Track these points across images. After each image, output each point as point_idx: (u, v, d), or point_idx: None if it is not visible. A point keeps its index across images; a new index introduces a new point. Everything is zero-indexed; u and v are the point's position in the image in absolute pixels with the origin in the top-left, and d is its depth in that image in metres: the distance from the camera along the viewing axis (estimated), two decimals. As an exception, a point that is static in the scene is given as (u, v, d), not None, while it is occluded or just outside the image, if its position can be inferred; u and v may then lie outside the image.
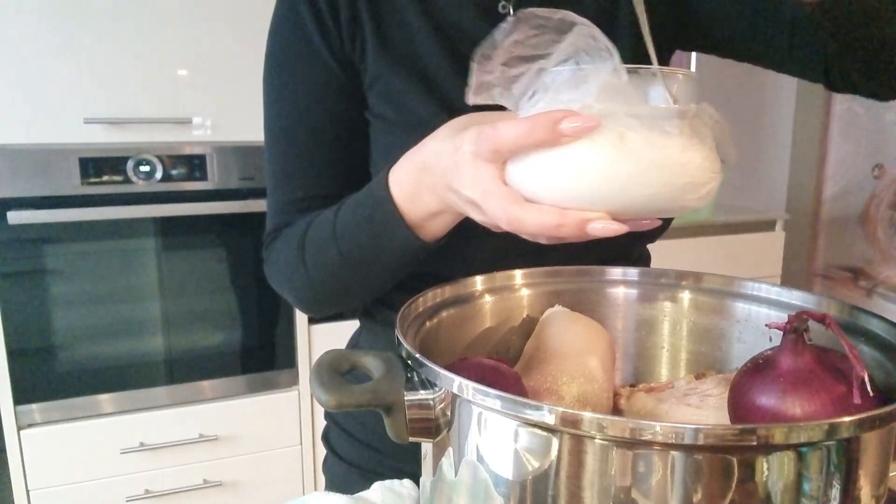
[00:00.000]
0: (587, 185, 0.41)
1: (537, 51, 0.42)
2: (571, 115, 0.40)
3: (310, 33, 0.66)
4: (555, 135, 0.40)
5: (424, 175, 0.53)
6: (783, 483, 0.35)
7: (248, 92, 1.65)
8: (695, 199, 0.43)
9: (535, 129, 0.41)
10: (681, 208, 0.43)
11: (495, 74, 0.43)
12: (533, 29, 0.42)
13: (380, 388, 0.42)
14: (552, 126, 0.40)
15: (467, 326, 0.58)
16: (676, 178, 0.41)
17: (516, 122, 0.42)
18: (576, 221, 0.42)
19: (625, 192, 0.41)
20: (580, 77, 0.41)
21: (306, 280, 0.66)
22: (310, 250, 0.65)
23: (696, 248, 2.21)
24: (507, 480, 0.39)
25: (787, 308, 0.54)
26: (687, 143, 0.41)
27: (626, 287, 0.63)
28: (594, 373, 0.53)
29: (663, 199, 0.41)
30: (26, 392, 1.60)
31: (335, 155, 0.70)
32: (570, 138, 0.40)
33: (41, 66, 1.51)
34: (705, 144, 0.42)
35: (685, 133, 0.41)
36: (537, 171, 0.43)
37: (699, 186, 0.42)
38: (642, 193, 0.41)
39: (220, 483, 1.79)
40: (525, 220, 0.44)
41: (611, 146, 0.40)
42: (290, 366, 1.82)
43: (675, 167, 0.41)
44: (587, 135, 0.40)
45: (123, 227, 1.63)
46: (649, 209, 0.43)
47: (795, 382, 0.42)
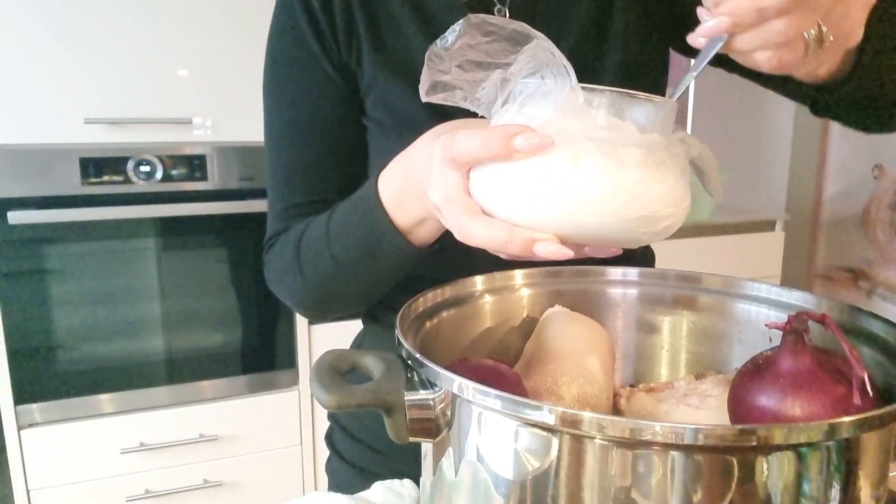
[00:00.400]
0: (538, 205, 0.40)
1: (491, 58, 0.41)
2: (526, 131, 0.39)
3: (306, 39, 0.67)
4: (508, 150, 0.40)
5: (408, 181, 0.53)
6: (783, 483, 0.35)
7: (248, 92, 1.65)
8: (649, 234, 0.41)
9: (488, 141, 0.40)
10: (635, 241, 0.42)
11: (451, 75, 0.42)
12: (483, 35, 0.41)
13: (380, 388, 0.42)
14: (506, 140, 0.40)
15: (467, 326, 0.58)
16: (629, 210, 0.39)
17: (473, 133, 0.41)
18: (522, 241, 0.41)
19: (573, 218, 0.39)
20: (543, 91, 0.40)
21: (303, 285, 0.66)
22: (305, 255, 0.65)
23: (696, 248, 2.21)
24: (507, 480, 0.39)
25: (787, 308, 0.54)
26: (645, 175, 0.39)
27: (626, 287, 0.63)
28: (594, 373, 0.53)
29: (615, 229, 0.40)
30: (26, 392, 1.60)
31: (333, 160, 0.70)
32: (522, 154, 0.39)
33: (41, 66, 1.51)
34: (668, 176, 0.40)
35: (645, 163, 0.39)
36: (491, 184, 0.42)
37: (655, 221, 0.40)
38: (592, 221, 0.39)
39: (220, 483, 1.79)
40: (474, 233, 0.43)
41: (562, 169, 0.38)
42: (290, 366, 1.82)
43: (629, 198, 0.39)
44: (541, 153, 0.39)
45: (124, 228, 1.63)
46: (599, 238, 0.41)
47: (795, 383, 0.42)
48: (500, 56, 0.40)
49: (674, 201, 0.40)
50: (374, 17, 0.67)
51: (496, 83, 0.41)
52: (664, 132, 0.41)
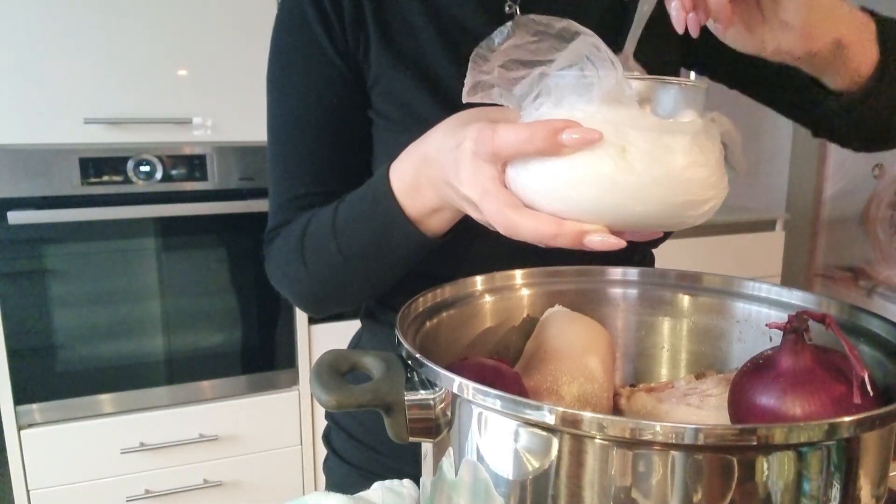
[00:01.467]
0: (586, 198, 0.40)
1: (537, 56, 0.41)
2: (573, 125, 0.39)
3: (314, 31, 0.66)
4: (555, 144, 0.40)
5: (425, 167, 0.52)
6: (783, 483, 0.35)
7: (248, 92, 1.65)
8: (695, 216, 0.42)
9: (535, 136, 0.40)
10: (680, 224, 0.42)
11: (493, 75, 0.42)
12: (532, 35, 0.41)
13: (380, 388, 0.42)
14: (553, 135, 0.40)
15: (467, 326, 0.58)
16: (676, 196, 0.40)
17: (517, 128, 0.41)
18: (573, 233, 0.41)
19: (624, 207, 0.40)
20: (585, 84, 0.40)
21: (306, 278, 0.66)
22: (309, 247, 0.64)
23: (696, 248, 2.21)
24: (508, 480, 0.39)
25: (787, 308, 0.54)
26: (690, 161, 0.40)
27: (626, 287, 0.63)
28: (594, 373, 0.53)
29: (663, 214, 0.41)
30: (26, 392, 1.60)
31: (337, 153, 0.69)
32: (571, 149, 0.40)
33: (41, 66, 1.51)
34: (710, 160, 0.41)
35: (689, 149, 0.39)
36: (536, 179, 0.42)
37: (700, 204, 0.41)
38: (641, 209, 0.40)
39: (221, 483, 1.79)
40: (521, 227, 0.43)
41: (611, 160, 0.39)
42: (290, 366, 1.82)
43: (676, 184, 0.40)
44: (590, 146, 0.39)
45: (123, 228, 1.63)
46: (648, 224, 0.42)
47: (795, 382, 0.42)
48: (545, 54, 0.40)
49: (714, 184, 0.41)
50: (383, 9, 0.66)
51: (534, 78, 0.41)
52: (696, 114, 0.42)
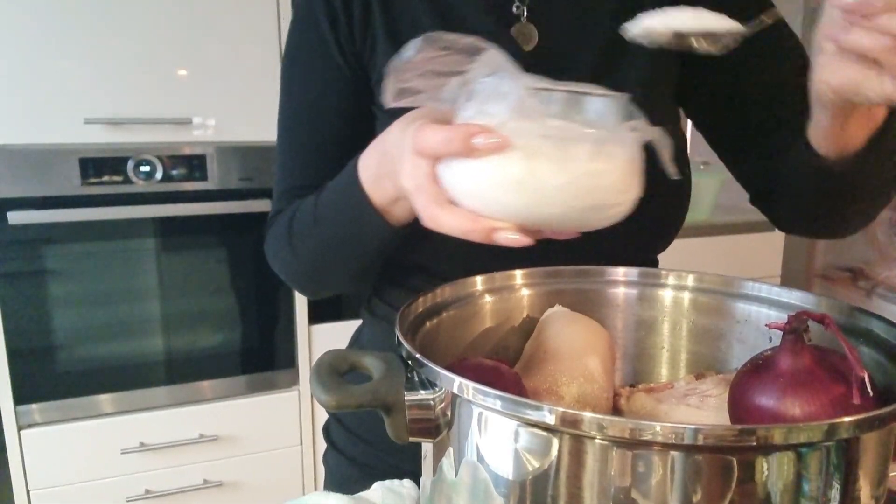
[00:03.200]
0: (496, 198, 0.43)
1: (450, 68, 0.44)
2: (485, 131, 0.42)
3: (322, 28, 0.68)
4: (470, 148, 0.42)
5: (383, 160, 0.55)
6: (783, 483, 0.35)
7: (248, 92, 1.65)
8: (601, 219, 0.45)
9: (452, 139, 0.43)
10: (589, 226, 0.45)
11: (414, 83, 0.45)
12: (441, 49, 0.44)
13: (380, 388, 0.42)
14: (467, 139, 0.42)
15: (467, 326, 0.58)
16: (580, 201, 0.42)
17: (439, 129, 0.44)
18: (484, 230, 0.44)
19: (531, 209, 0.43)
20: (501, 93, 0.43)
21: (294, 262, 0.69)
22: (295, 233, 0.68)
23: (696, 248, 2.21)
24: (507, 480, 0.39)
25: (787, 308, 0.54)
26: (592, 168, 0.42)
27: (626, 287, 0.63)
28: (594, 373, 0.53)
29: (568, 217, 0.43)
30: (26, 392, 1.60)
31: (337, 147, 0.71)
32: (482, 153, 0.42)
33: (41, 66, 1.51)
34: (615, 167, 0.43)
35: (592, 157, 0.42)
36: (456, 177, 0.45)
37: (605, 208, 0.44)
38: (548, 211, 0.43)
39: (221, 483, 1.79)
40: (441, 221, 0.46)
41: (517, 166, 0.42)
42: (290, 366, 1.82)
43: (579, 190, 0.42)
44: (498, 151, 0.42)
45: (123, 228, 1.63)
46: (555, 226, 0.44)
47: (795, 383, 0.42)
48: (457, 66, 0.44)
49: (620, 191, 0.44)
50: (392, 9, 0.68)
51: (456, 84, 0.44)
52: (616, 123, 0.44)
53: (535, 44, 0.68)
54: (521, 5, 0.68)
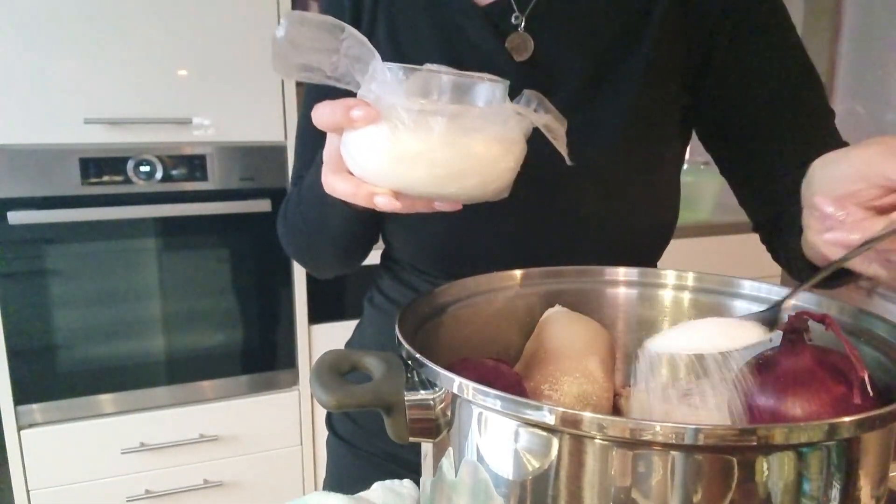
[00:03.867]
0: (371, 166, 0.48)
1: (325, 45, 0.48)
2: (360, 104, 0.47)
3: None
4: (348, 119, 0.47)
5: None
6: (783, 483, 0.35)
7: (248, 92, 1.65)
8: (466, 188, 0.48)
9: (335, 112, 0.48)
10: (456, 194, 0.49)
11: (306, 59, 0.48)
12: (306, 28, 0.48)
13: (380, 388, 0.42)
14: (347, 112, 0.47)
15: (467, 326, 0.58)
16: (438, 169, 0.47)
17: (325, 105, 0.49)
18: (365, 194, 0.49)
19: (398, 176, 0.47)
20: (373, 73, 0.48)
21: (291, 241, 0.76)
22: (289, 215, 0.74)
23: (696, 248, 2.21)
24: (507, 480, 0.39)
25: (787, 308, 0.54)
26: (447, 140, 0.46)
27: (626, 287, 0.63)
28: (594, 373, 0.53)
29: (432, 184, 0.47)
30: (26, 392, 1.60)
31: None
32: (359, 123, 0.47)
33: (41, 66, 1.51)
34: (474, 140, 0.47)
35: (448, 129, 0.46)
36: (345, 148, 0.50)
37: (465, 177, 0.48)
38: (412, 177, 0.47)
39: (221, 483, 1.79)
40: (334, 187, 0.51)
41: (385, 137, 0.46)
42: (290, 366, 1.82)
43: (436, 158, 0.46)
44: (372, 122, 0.46)
45: (124, 228, 1.63)
46: (425, 192, 0.48)
47: (795, 383, 0.42)
48: (329, 44, 0.48)
49: (482, 161, 0.48)
50: (396, 16, 0.71)
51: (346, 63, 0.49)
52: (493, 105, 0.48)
53: (529, 55, 0.68)
54: (519, 15, 0.68)
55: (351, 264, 0.77)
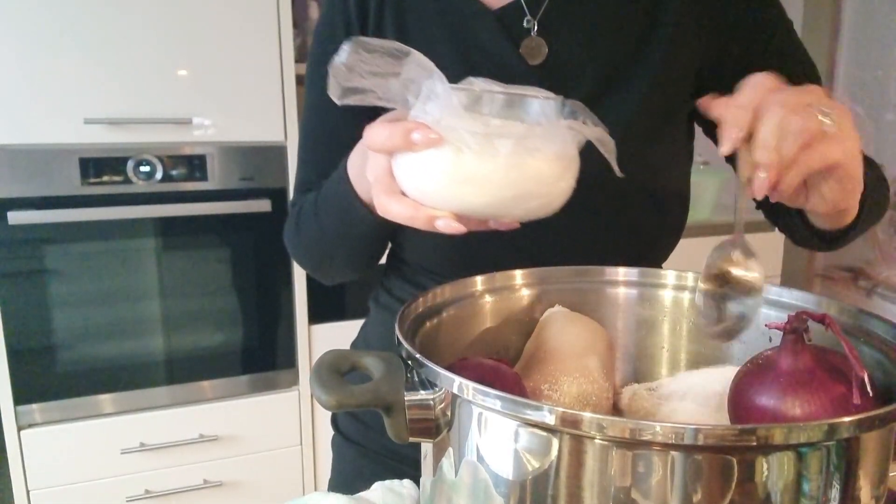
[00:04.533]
0: (433, 188, 0.47)
1: (383, 69, 0.48)
2: (421, 127, 0.46)
3: (337, 33, 0.72)
4: (409, 142, 0.46)
5: (363, 158, 0.58)
6: (783, 483, 0.35)
7: (248, 92, 1.65)
8: (530, 209, 0.48)
9: (393, 135, 0.47)
10: (521, 216, 0.48)
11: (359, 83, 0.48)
12: (368, 53, 0.47)
13: (380, 388, 0.42)
14: (406, 135, 0.46)
15: (467, 326, 0.58)
16: (503, 191, 0.46)
17: (382, 127, 0.48)
18: (425, 217, 0.48)
19: (462, 199, 0.46)
20: (435, 94, 0.47)
21: (302, 249, 0.76)
22: (302, 224, 0.73)
23: (697, 248, 2.20)
24: (507, 480, 0.39)
25: (787, 308, 0.54)
26: (513, 161, 0.45)
27: (626, 287, 0.63)
28: (594, 373, 0.53)
29: (496, 206, 0.47)
30: (26, 392, 1.60)
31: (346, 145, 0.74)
32: (420, 147, 0.46)
33: (41, 66, 1.51)
34: (538, 161, 0.46)
35: (514, 151, 0.45)
36: (402, 170, 0.48)
37: (531, 198, 0.47)
38: (478, 200, 0.46)
39: (221, 483, 1.79)
40: (389, 209, 0.50)
41: (448, 160, 0.46)
42: (290, 366, 1.82)
43: (501, 181, 0.46)
44: (433, 146, 0.46)
45: (123, 228, 1.63)
46: (488, 213, 0.48)
47: (795, 383, 0.42)
48: (388, 68, 0.47)
49: (546, 182, 0.47)
50: (405, 19, 0.71)
51: (400, 85, 0.48)
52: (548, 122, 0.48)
53: (542, 58, 0.68)
54: (531, 20, 0.68)
55: (365, 270, 0.78)
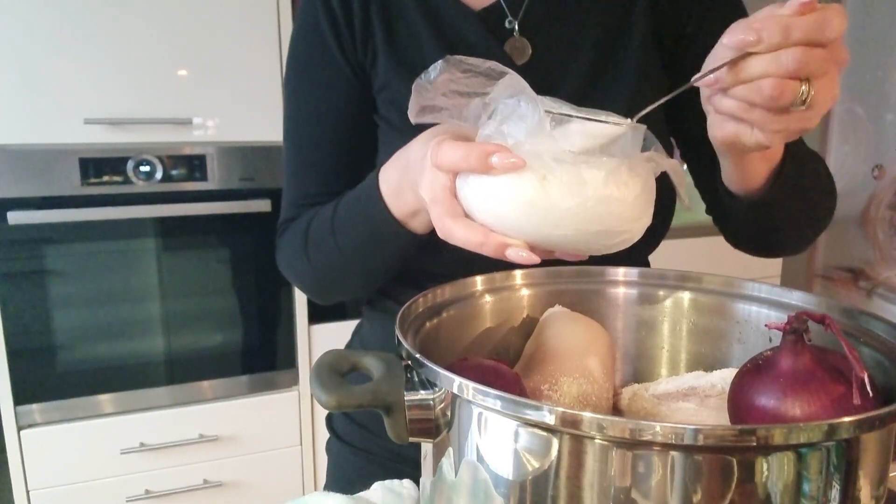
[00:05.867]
0: (510, 216, 0.44)
1: (471, 89, 0.46)
2: (502, 150, 0.44)
3: (325, 38, 0.70)
4: (486, 165, 0.44)
5: (406, 173, 0.56)
6: (783, 484, 0.35)
7: (248, 92, 1.65)
8: (607, 245, 0.46)
9: (469, 156, 0.45)
10: (594, 250, 0.46)
11: (437, 101, 0.47)
12: (462, 72, 0.46)
13: (380, 388, 0.42)
14: (485, 157, 0.44)
15: (467, 326, 0.58)
16: (589, 225, 0.43)
17: (456, 146, 0.46)
18: (496, 244, 0.46)
19: (541, 229, 0.44)
20: (519, 114, 0.44)
21: (309, 270, 0.71)
22: (311, 243, 0.69)
23: (696, 248, 2.21)
24: (507, 480, 0.39)
25: (787, 309, 0.54)
26: (604, 194, 0.43)
27: (626, 287, 0.63)
28: (594, 373, 0.53)
29: (578, 240, 0.44)
30: (26, 392, 1.60)
31: (345, 155, 0.73)
32: (499, 171, 0.44)
33: (41, 66, 1.51)
34: (626, 196, 0.44)
35: (603, 184, 0.43)
36: (473, 192, 0.46)
37: (612, 235, 0.45)
38: (556, 233, 0.44)
39: (221, 483, 1.79)
40: (454, 233, 0.48)
41: (531, 187, 0.43)
42: (290, 366, 1.82)
43: (589, 215, 0.43)
44: (514, 170, 0.43)
45: (123, 228, 1.63)
46: (564, 246, 0.46)
47: (795, 383, 0.42)
48: (478, 87, 0.45)
49: (630, 218, 0.45)
50: (391, 22, 0.70)
51: (479, 104, 0.46)
52: (631, 152, 0.45)
53: (528, 58, 0.69)
54: (513, 20, 0.68)
55: (373, 290, 0.76)
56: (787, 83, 0.43)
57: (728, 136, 0.48)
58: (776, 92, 0.43)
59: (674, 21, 0.70)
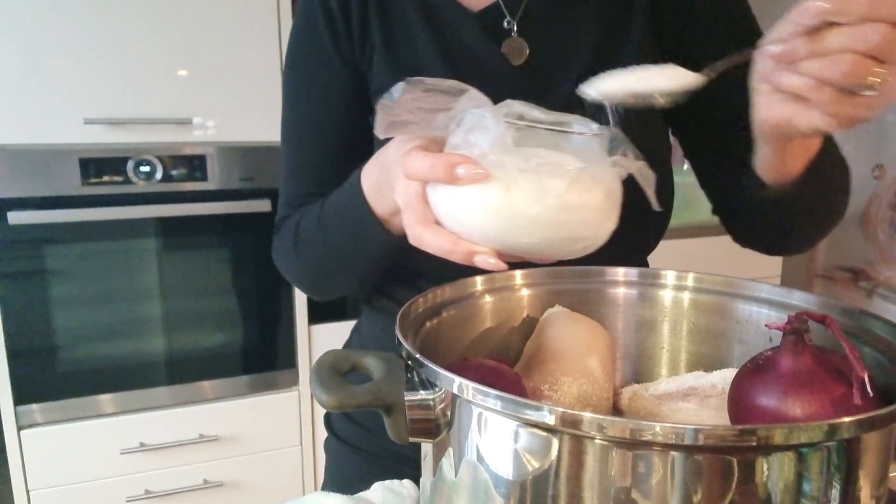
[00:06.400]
0: (476, 224, 0.45)
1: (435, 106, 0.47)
2: (468, 162, 0.44)
3: (322, 38, 0.70)
4: (452, 177, 0.45)
5: (384, 173, 0.56)
6: (783, 483, 0.35)
7: (248, 92, 1.65)
8: (576, 250, 0.47)
9: (436, 167, 0.45)
10: (562, 255, 0.47)
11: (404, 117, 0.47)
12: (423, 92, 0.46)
13: (380, 388, 0.42)
14: (450, 169, 0.45)
15: (467, 326, 0.58)
16: (555, 232, 0.45)
17: (424, 157, 0.46)
18: (464, 252, 0.47)
19: (507, 237, 0.45)
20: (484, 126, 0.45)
21: (299, 267, 0.72)
22: (301, 240, 0.70)
23: (696, 248, 2.21)
24: (507, 481, 0.39)
25: (788, 309, 0.54)
26: (565, 202, 0.44)
27: (626, 287, 0.63)
28: (594, 373, 0.53)
29: (543, 246, 0.45)
30: (26, 392, 1.60)
31: (340, 155, 0.73)
32: (464, 182, 0.45)
33: (41, 66, 1.51)
34: (589, 202, 0.45)
35: (565, 192, 0.44)
36: (441, 201, 0.47)
37: (575, 241, 0.46)
38: (523, 241, 0.45)
39: (221, 483, 1.79)
40: (424, 239, 0.48)
41: (496, 197, 0.44)
42: (290, 366, 1.82)
43: (554, 222, 0.44)
44: (479, 181, 0.44)
45: (124, 228, 1.63)
46: (530, 252, 0.47)
47: (795, 383, 0.42)
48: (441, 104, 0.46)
49: (594, 224, 0.46)
50: (389, 23, 0.70)
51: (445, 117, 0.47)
52: (595, 158, 0.46)
53: (525, 59, 0.69)
54: (511, 20, 0.68)
55: (366, 287, 0.76)
56: (868, 63, 0.39)
57: (782, 117, 0.45)
58: (856, 69, 0.39)
59: (673, 21, 0.70)
